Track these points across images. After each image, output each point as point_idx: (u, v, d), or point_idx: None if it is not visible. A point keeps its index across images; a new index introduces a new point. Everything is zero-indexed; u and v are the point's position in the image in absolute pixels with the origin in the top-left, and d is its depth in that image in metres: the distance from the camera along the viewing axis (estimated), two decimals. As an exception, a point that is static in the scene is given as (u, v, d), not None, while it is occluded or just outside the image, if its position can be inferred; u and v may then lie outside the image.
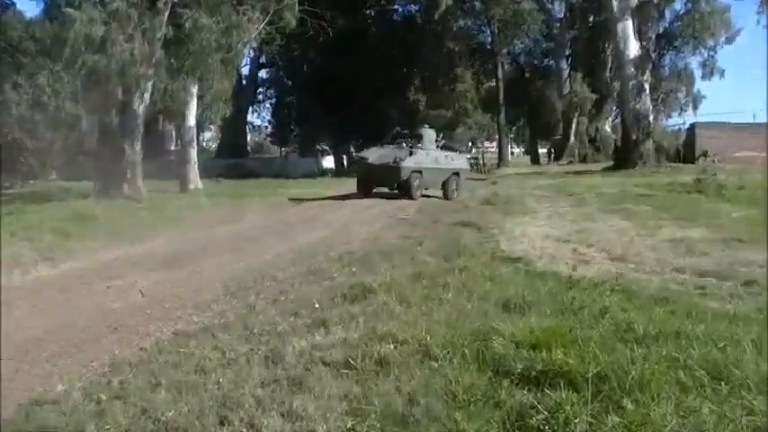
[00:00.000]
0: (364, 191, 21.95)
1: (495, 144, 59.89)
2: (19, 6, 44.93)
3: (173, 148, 40.85)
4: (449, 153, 23.63)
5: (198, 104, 26.03)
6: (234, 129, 42.99)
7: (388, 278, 7.21)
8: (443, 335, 5.08)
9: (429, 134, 22.96)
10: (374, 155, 21.74)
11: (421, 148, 21.85)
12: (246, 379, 4.50)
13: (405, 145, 22.28)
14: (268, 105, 48.15)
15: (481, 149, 56.91)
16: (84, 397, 4.35)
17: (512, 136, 65.00)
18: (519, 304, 5.94)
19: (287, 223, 15.09)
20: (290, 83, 44.15)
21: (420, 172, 21.29)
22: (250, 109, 46.63)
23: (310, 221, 15.31)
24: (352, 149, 37.34)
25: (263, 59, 44.20)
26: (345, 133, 40.38)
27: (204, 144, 52.31)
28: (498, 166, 46.38)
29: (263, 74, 46.51)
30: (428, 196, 21.64)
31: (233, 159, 40.77)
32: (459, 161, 24.17)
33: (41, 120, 30.96)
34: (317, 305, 6.42)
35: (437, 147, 23.26)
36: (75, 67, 18.93)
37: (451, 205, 19.28)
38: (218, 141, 47.87)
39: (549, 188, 23.48)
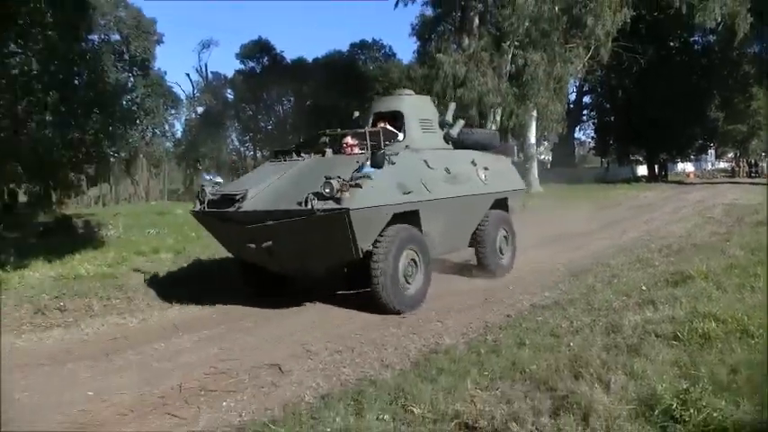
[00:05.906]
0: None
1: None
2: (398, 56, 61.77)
3: (515, 159, 44.62)
4: (478, 155, 10.50)
5: (537, 125, 31.96)
6: (564, 144, 52.52)
7: (704, 268, 8.04)
8: (759, 317, 5.55)
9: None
10: (269, 178, 8.57)
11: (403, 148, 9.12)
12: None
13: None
14: (591, 124, 59.73)
15: None
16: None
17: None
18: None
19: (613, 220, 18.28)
20: (607, 105, 53.53)
21: (418, 219, 8.61)
22: (577, 128, 58.03)
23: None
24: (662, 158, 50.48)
25: (586, 87, 53.99)
26: (655, 147, 49.18)
27: (539, 156, 59.57)
28: None
29: (586, 99, 57.02)
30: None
31: (562, 168, 49.74)
32: (502, 172, 10.98)
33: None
34: (644, 287, 7.60)
35: (446, 139, 10.30)
36: (445, 99, 23.60)
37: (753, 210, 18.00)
38: (551, 154, 61.04)
39: None
